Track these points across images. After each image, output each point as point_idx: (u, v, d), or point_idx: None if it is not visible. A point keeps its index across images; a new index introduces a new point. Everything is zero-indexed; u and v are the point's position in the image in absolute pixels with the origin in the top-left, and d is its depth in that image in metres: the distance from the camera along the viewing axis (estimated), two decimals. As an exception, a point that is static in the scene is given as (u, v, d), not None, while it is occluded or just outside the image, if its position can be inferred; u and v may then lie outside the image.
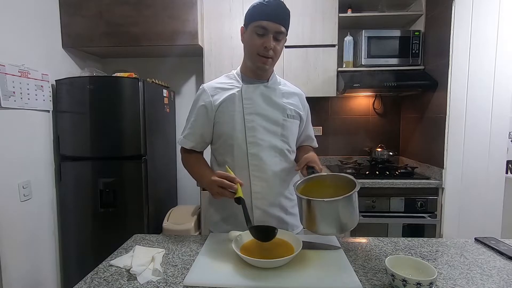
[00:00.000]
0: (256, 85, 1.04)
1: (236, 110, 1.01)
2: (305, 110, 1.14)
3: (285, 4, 0.97)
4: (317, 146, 1.23)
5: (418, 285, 0.61)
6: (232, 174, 0.90)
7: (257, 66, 1.00)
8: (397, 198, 1.92)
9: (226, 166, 0.98)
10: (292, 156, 1.11)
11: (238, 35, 2.39)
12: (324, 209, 0.78)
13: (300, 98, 1.14)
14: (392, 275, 0.64)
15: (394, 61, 2.12)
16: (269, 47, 0.94)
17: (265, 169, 1.01)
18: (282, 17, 0.95)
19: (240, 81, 1.06)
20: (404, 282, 0.62)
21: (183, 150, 1.13)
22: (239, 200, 0.87)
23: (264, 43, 0.94)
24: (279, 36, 0.96)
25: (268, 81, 1.07)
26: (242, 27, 1.02)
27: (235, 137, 1.01)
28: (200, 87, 1.09)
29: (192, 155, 1.12)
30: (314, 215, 0.79)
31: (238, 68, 1.10)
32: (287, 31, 0.99)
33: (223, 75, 1.13)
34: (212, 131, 1.06)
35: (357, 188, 0.78)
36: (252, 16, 0.96)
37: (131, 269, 0.74)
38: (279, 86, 1.10)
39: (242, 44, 1.05)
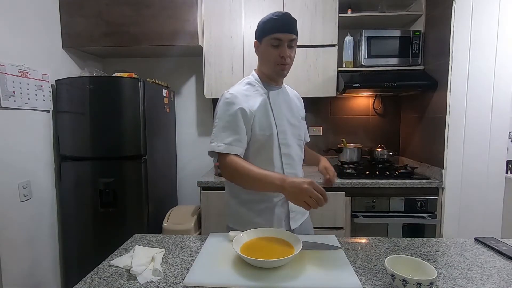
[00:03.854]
0: (277, 91, 1.15)
1: (270, 116, 1.09)
2: (304, 111, 1.29)
3: (291, 14, 1.06)
4: (309, 140, 1.37)
5: (418, 285, 0.61)
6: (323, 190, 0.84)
7: (277, 74, 1.10)
8: (397, 198, 1.92)
9: None
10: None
11: (238, 35, 2.39)
12: None
13: (300, 100, 1.30)
14: (392, 275, 0.64)
15: (394, 61, 2.12)
16: (286, 56, 1.04)
17: (295, 166, 1.14)
18: (292, 26, 1.05)
19: (264, 88, 1.13)
20: (404, 282, 0.62)
21: (226, 159, 1.02)
22: None
23: (281, 53, 1.04)
24: (292, 43, 1.06)
25: (282, 87, 1.18)
26: (255, 41, 1.12)
27: (271, 140, 1.08)
28: (228, 95, 1.07)
29: (242, 161, 1.02)
30: None
31: (255, 76, 1.16)
32: (297, 36, 1.08)
33: (241, 82, 1.17)
34: (248, 138, 1.07)
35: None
36: (265, 31, 1.05)
37: (131, 269, 0.74)
38: (288, 91, 1.23)
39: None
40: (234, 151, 1.03)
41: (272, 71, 1.10)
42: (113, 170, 1.87)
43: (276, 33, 1.03)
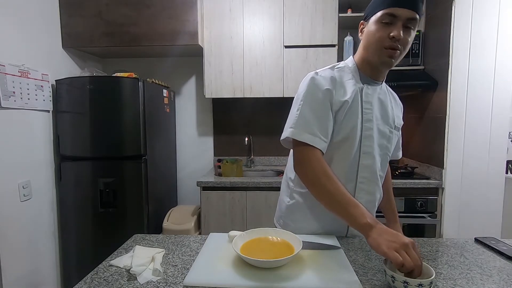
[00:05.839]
0: (374, 87, 0.91)
1: (357, 114, 0.88)
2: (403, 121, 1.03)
3: None
4: (401, 156, 1.14)
5: (420, 286, 0.61)
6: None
7: (382, 62, 0.85)
8: (397, 198, 1.91)
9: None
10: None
11: (238, 35, 2.36)
12: None
13: (401, 107, 1.06)
14: (392, 277, 0.64)
15: (394, 61, 2.12)
16: (398, 37, 0.79)
17: (373, 181, 0.93)
18: (416, 2, 0.80)
19: (359, 79, 0.90)
20: (406, 284, 0.62)
21: (305, 153, 0.84)
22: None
23: (392, 32, 0.79)
24: (411, 24, 0.81)
25: (382, 83, 0.95)
26: (361, 22, 0.90)
27: (350, 144, 0.88)
28: (314, 74, 0.88)
29: (325, 164, 0.83)
30: None
31: (351, 61, 0.94)
32: (420, 17, 0.82)
33: (330, 67, 0.93)
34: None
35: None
36: (377, 5, 0.82)
37: (131, 269, 0.74)
38: (388, 91, 0.99)
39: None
40: (318, 143, 0.83)
41: (376, 57, 0.85)
42: (113, 170, 1.87)
43: (392, 7, 0.79)
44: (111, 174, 1.87)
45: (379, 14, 0.82)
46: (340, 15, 2.11)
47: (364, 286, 0.69)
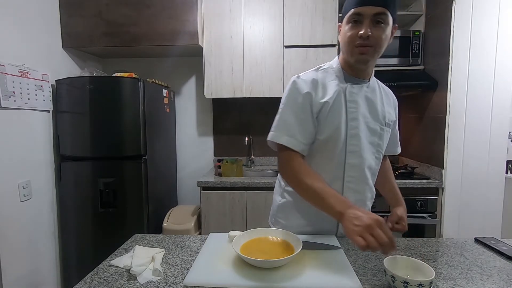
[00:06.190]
0: (360, 86, 0.92)
1: (341, 114, 0.89)
2: (397, 117, 1.04)
3: None
4: (400, 151, 1.13)
5: (420, 286, 0.61)
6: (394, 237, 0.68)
7: (356, 60, 0.87)
8: (397, 198, 1.92)
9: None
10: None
11: (238, 35, 2.37)
12: None
13: (394, 103, 1.04)
14: (392, 277, 0.64)
15: (394, 61, 2.12)
16: (365, 35, 0.81)
17: (361, 181, 0.93)
18: None
19: (343, 79, 0.92)
20: (406, 284, 0.62)
21: (286, 153, 0.89)
22: None
23: (360, 31, 0.82)
24: (380, 19, 0.81)
25: (369, 81, 0.95)
26: (339, 24, 0.92)
27: (335, 144, 0.89)
28: (296, 77, 0.92)
29: (303, 163, 0.88)
30: None
31: (335, 62, 0.97)
32: (393, 14, 0.84)
33: (315, 69, 0.98)
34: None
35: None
36: (347, 6, 0.86)
37: (131, 269, 0.74)
38: (378, 88, 0.99)
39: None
40: (295, 145, 0.87)
41: (350, 56, 0.87)
42: (113, 170, 1.87)
43: (356, 7, 0.82)
44: (111, 174, 1.87)
45: (348, 14, 0.85)
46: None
47: (364, 286, 0.69)
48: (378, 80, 1.02)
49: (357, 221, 0.69)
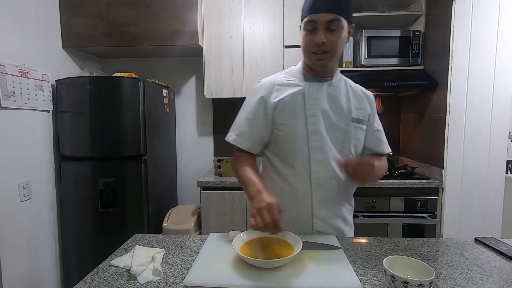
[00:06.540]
0: (320, 84, 0.96)
1: (298, 111, 0.93)
2: (372, 113, 1.04)
3: None
4: (389, 151, 1.09)
5: (420, 286, 0.61)
6: (279, 220, 0.74)
7: (314, 65, 0.92)
8: (397, 198, 1.92)
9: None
10: None
11: (238, 35, 2.37)
12: None
13: (369, 100, 1.04)
14: (392, 277, 0.64)
15: (394, 61, 2.12)
16: (319, 42, 0.85)
17: (328, 177, 0.94)
18: (334, 4, 0.84)
19: (303, 79, 0.97)
20: (406, 284, 0.62)
21: (236, 151, 1.00)
22: None
23: (315, 39, 0.86)
24: (332, 26, 0.85)
25: (332, 79, 0.98)
26: (299, 25, 0.94)
27: (296, 141, 0.93)
28: (257, 83, 1.01)
29: (245, 157, 0.98)
30: None
31: (299, 64, 1.02)
32: (347, 17, 0.87)
33: (282, 71, 1.03)
34: (270, 132, 0.97)
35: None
36: (302, 13, 0.89)
37: (131, 269, 0.74)
38: (345, 85, 1.01)
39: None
40: (241, 144, 0.97)
41: (309, 60, 0.93)
42: (113, 170, 1.87)
43: (310, 14, 0.85)
44: (111, 174, 1.87)
45: (303, 21, 0.89)
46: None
47: (364, 286, 0.69)
48: (347, 79, 1.05)
49: (255, 204, 0.77)
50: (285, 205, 0.88)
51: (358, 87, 1.05)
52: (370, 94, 1.07)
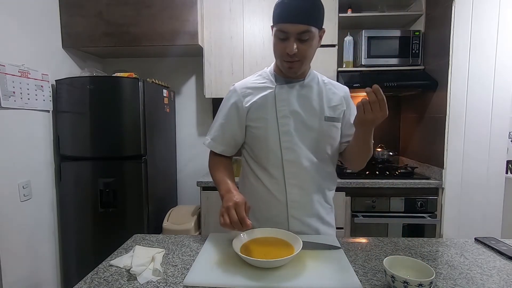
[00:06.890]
0: (291, 85, 0.97)
1: (269, 112, 0.95)
2: (349, 110, 1.02)
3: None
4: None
5: (420, 286, 0.61)
6: (246, 217, 0.80)
7: (285, 71, 0.94)
8: (397, 198, 1.92)
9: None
10: (331, 162, 1.02)
11: (238, 35, 2.37)
12: None
13: (345, 97, 1.02)
14: (392, 277, 0.64)
15: (394, 61, 2.12)
16: (290, 53, 0.86)
17: (302, 176, 0.95)
18: (305, 15, 0.83)
19: (274, 81, 0.98)
20: (406, 284, 0.62)
21: (212, 153, 1.08)
22: None
23: (286, 48, 0.86)
24: (304, 37, 0.85)
25: (304, 79, 0.98)
26: (271, 25, 0.93)
27: (268, 142, 0.95)
28: (231, 87, 1.04)
29: (220, 160, 1.04)
30: None
31: (272, 66, 1.03)
32: (318, 27, 0.87)
33: (256, 73, 1.05)
34: (244, 135, 1.00)
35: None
36: (274, 18, 0.88)
37: (131, 269, 0.74)
38: (317, 84, 1.00)
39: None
40: (215, 148, 1.03)
41: (281, 66, 0.94)
42: (113, 170, 1.87)
43: (282, 24, 0.85)
44: (111, 174, 1.87)
45: (275, 29, 0.89)
46: (340, 15, 2.11)
47: (364, 286, 0.69)
48: (321, 76, 1.03)
49: (224, 203, 0.83)
50: (262, 205, 0.97)
51: (332, 84, 1.04)
52: (346, 89, 1.05)
